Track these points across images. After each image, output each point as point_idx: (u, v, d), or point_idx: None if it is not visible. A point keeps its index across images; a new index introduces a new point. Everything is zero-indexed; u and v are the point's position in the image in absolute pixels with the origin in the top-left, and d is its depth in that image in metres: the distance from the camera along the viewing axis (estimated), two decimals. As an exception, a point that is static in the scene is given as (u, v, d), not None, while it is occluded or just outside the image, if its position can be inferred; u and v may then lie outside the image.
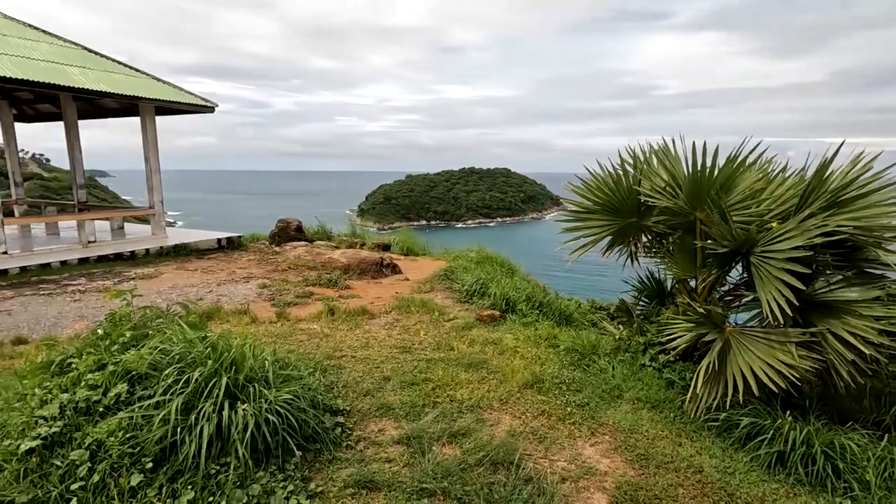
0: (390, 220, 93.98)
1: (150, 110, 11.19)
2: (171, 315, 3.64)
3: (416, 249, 12.96)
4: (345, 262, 9.55)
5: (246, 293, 7.51)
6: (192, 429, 2.55)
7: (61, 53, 10.07)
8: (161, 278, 8.49)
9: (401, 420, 3.72)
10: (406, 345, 5.34)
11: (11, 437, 2.60)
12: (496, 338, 5.65)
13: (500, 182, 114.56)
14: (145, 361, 2.81)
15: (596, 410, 4.14)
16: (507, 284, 7.15)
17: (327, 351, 5.00)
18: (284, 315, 6.22)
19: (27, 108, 14.32)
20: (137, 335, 3.22)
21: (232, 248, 11.66)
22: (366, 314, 6.39)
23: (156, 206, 11.79)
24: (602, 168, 5.29)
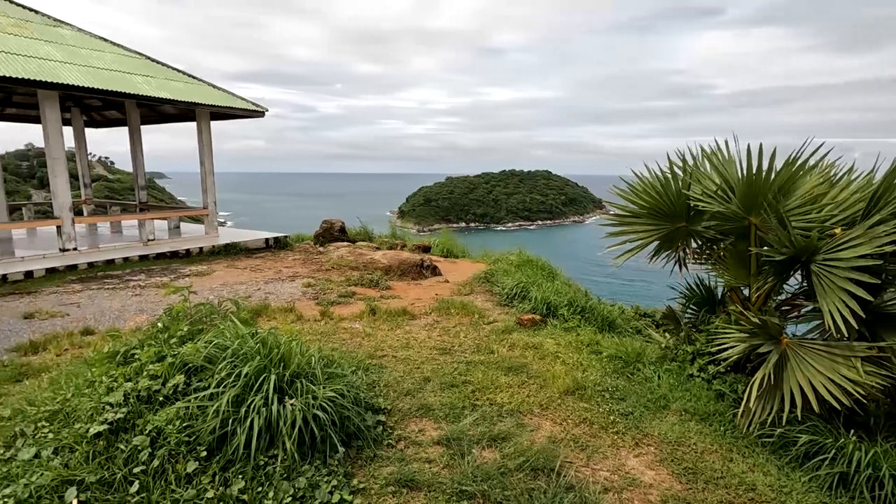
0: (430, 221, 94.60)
1: (205, 116, 11.77)
2: (223, 311, 3.81)
3: (455, 251, 13.01)
4: (386, 263, 9.70)
5: (292, 291, 7.76)
6: (243, 421, 2.67)
7: (126, 63, 10.75)
8: (213, 276, 8.90)
9: (441, 421, 3.74)
10: (446, 346, 5.36)
11: (81, 421, 2.80)
12: (537, 342, 5.59)
13: (540, 184, 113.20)
14: (201, 355, 2.96)
15: (640, 420, 4.02)
16: (549, 288, 7.06)
17: (369, 350, 5.09)
18: (328, 314, 6.38)
19: (96, 114, 15.35)
20: (193, 329, 3.39)
21: (279, 248, 12.08)
22: (406, 315, 6.46)
23: (209, 207, 12.38)
24: (649, 171, 5.14)
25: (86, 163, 15.35)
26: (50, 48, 9.48)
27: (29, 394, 3.65)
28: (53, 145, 9.18)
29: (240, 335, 3.12)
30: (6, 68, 8.01)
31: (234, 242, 11.43)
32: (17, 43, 9.05)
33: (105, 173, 70.86)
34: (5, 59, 8.26)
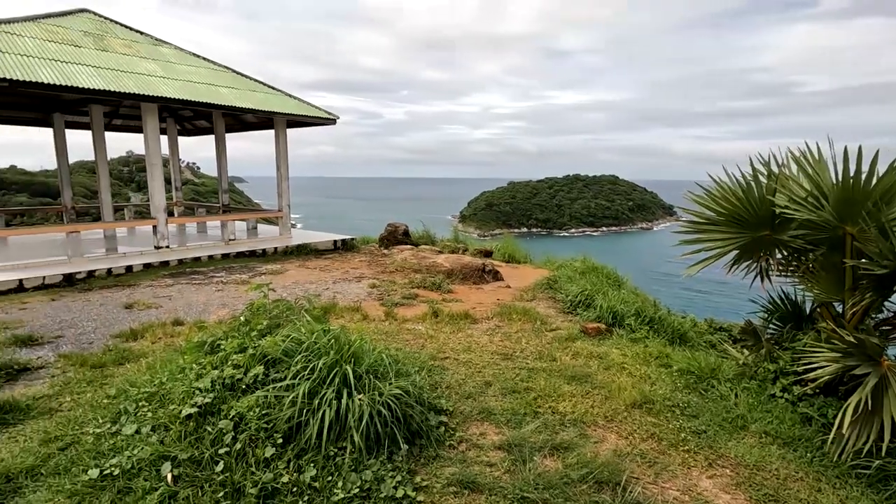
0: (491, 226, 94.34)
1: (282, 124, 12.52)
2: (298, 308, 4.04)
3: (517, 257, 12.91)
4: (448, 267, 9.81)
5: (358, 292, 8.05)
6: (315, 412, 2.82)
7: (215, 76, 11.67)
8: (286, 274, 9.42)
9: (502, 426, 3.74)
10: (507, 352, 5.35)
11: (174, 403, 3.09)
12: (602, 352, 5.44)
13: (606, 189, 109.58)
14: (279, 348, 3.17)
15: (714, 440, 3.80)
16: (615, 297, 6.83)
17: (431, 352, 5.18)
18: (392, 314, 6.56)
19: (188, 124, 16.77)
20: (272, 324, 3.63)
21: (346, 249, 12.57)
22: (468, 319, 6.51)
23: (284, 210, 13.13)
24: (728, 175, 4.85)
25: (178, 168, 16.80)
26: (152, 65, 10.51)
27: (130, 376, 4.06)
28: (152, 152, 10.14)
29: (314, 331, 3.30)
30: (116, 84, 8.97)
31: (305, 244, 12.04)
32: (127, 61, 10.11)
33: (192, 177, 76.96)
34: (115, 76, 9.25)
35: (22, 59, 8.25)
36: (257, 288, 3.91)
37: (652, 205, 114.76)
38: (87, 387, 4.10)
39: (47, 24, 9.91)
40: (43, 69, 8.27)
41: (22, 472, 2.80)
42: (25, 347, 5.21)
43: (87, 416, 3.46)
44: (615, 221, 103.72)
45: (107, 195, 12.50)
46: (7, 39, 8.60)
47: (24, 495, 2.68)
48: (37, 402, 3.78)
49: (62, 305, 7.05)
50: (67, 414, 3.58)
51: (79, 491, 2.66)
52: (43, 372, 4.53)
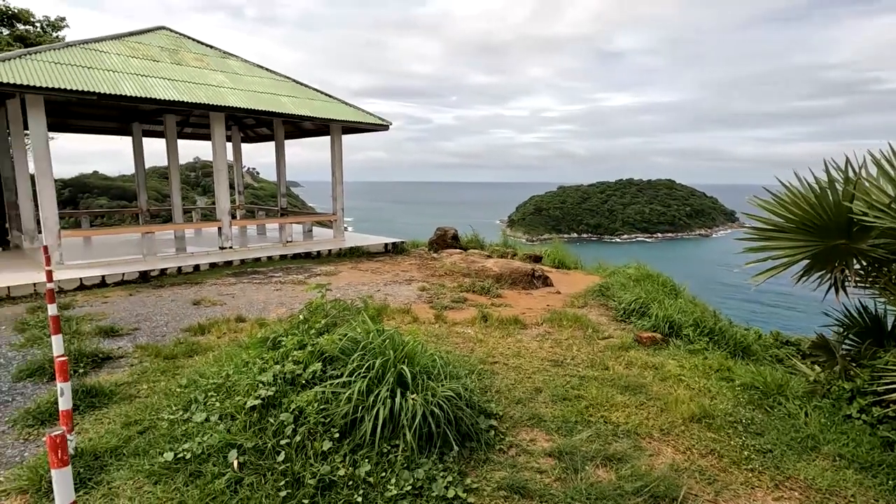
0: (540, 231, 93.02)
1: (338, 130, 12.97)
2: (354, 308, 4.18)
3: (567, 262, 12.69)
4: (497, 272, 9.79)
5: (408, 294, 8.19)
6: (370, 410, 2.92)
7: (277, 86, 12.27)
8: (339, 276, 9.73)
9: (552, 433, 3.70)
10: (558, 359, 5.27)
11: (240, 394, 3.29)
12: (657, 362, 5.25)
13: (662, 194, 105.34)
14: (336, 346, 3.30)
15: (781, 460, 3.58)
16: (671, 306, 6.58)
17: (481, 355, 5.20)
18: (441, 317, 6.64)
19: (250, 131, 17.70)
20: (329, 323, 3.78)
21: (396, 253, 12.83)
22: (517, 324, 6.47)
23: (338, 213, 13.57)
24: (799, 179, 4.57)
25: (241, 173, 17.74)
26: (221, 76, 11.19)
27: (199, 368, 4.35)
28: (219, 158, 10.79)
29: (369, 331, 3.41)
30: (189, 95, 9.62)
31: (358, 246, 12.38)
32: (198, 74, 10.83)
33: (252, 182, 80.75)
34: (188, 88, 9.93)
35: (108, 74, 9.03)
36: (315, 288, 4.09)
37: (711, 210, 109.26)
38: (161, 376, 4.43)
39: (130, 41, 10.79)
40: (126, 83, 9.01)
41: (107, 452, 3.07)
42: (108, 338, 5.69)
43: (161, 403, 3.73)
44: (671, 227, 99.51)
45: (177, 198, 13.39)
46: (96, 56, 9.44)
47: (110, 472, 2.94)
48: (118, 388, 4.13)
49: (138, 300, 7.63)
50: (145, 400, 3.88)
51: (156, 472, 2.88)
52: (123, 361, 4.93)
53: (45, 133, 8.45)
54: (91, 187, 51.30)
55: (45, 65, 8.39)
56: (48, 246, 8.23)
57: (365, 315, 3.60)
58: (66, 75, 8.35)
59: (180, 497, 2.69)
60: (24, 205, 10.84)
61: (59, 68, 8.49)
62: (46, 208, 8.63)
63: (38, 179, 8.53)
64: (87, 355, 4.71)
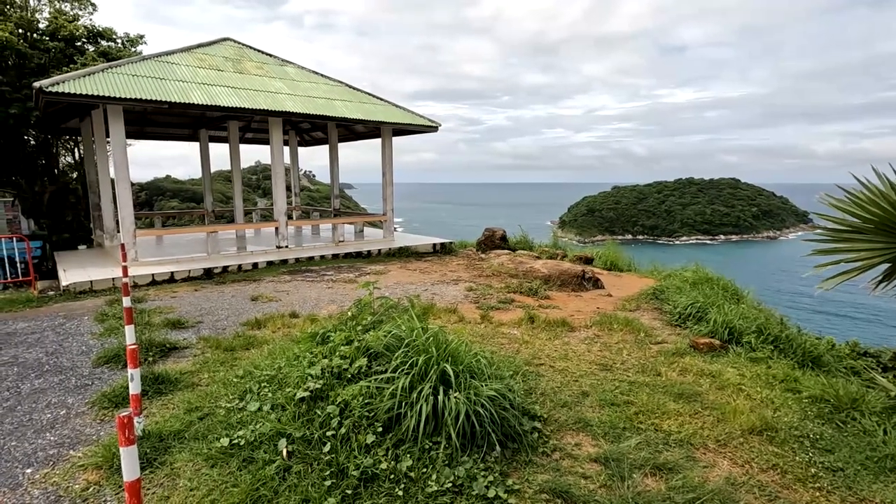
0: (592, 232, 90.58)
1: (388, 132, 13.23)
2: (401, 306, 4.25)
3: (620, 265, 12.30)
4: (545, 273, 9.64)
5: (455, 294, 8.23)
6: (413, 406, 2.96)
7: (331, 91, 12.69)
8: (388, 275, 9.93)
9: (599, 438, 3.60)
10: (607, 363, 5.12)
11: (290, 386, 3.43)
12: (714, 370, 4.99)
13: (725, 194, 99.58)
14: (381, 342, 3.38)
15: (854, 480, 3.30)
16: (732, 311, 6.21)
17: (526, 357, 5.14)
18: (487, 318, 6.62)
19: (306, 135, 18.41)
20: (375, 320, 3.87)
21: (444, 253, 12.91)
22: (565, 326, 6.34)
23: (388, 214, 13.85)
24: (879, 175, 4.19)
25: (297, 176, 18.49)
26: (279, 83, 11.72)
27: (254, 360, 4.57)
28: (276, 162, 11.29)
29: (413, 329, 3.46)
30: (251, 102, 10.15)
31: (407, 246, 12.57)
32: (259, 81, 11.40)
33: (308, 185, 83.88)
34: (250, 95, 10.47)
35: (178, 84, 9.69)
36: (365, 286, 4.20)
37: (781, 211, 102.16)
38: (220, 367, 4.70)
39: (198, 52, 11.53)
40: (194, 92, 9.63)
41: (171, 435, 3.30)
42: (175, 329, 6.10)
43: (220, 391, 3.96)
44: (735, 229, 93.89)
45: (239, 200, 14.14)
46: (168, 68, 10.16)
47: (172, 454, 3.16)
48: (183, 376, 4.42)
49: (202, 296, 8.12)
50: (205, 389, 4.13)
51: (213, 456, 3.07)
52: (187, 352, 5.27)
53: (124, 140, 9.19)
54: (164, 190, 55.19)
55: (123, 77, 9.13)
56: (125, 244, 8.94)
57: (412, 312, 3.65)
58: (142, 86, 9.05)
59: (234, 481, 2.85)
60: (106, 206, 11.82)
61: (136, 80, 9.21)
62: (124, 209, 9.37)
63: (117, 183, 9.28)
64: (157, 345, 5.08)
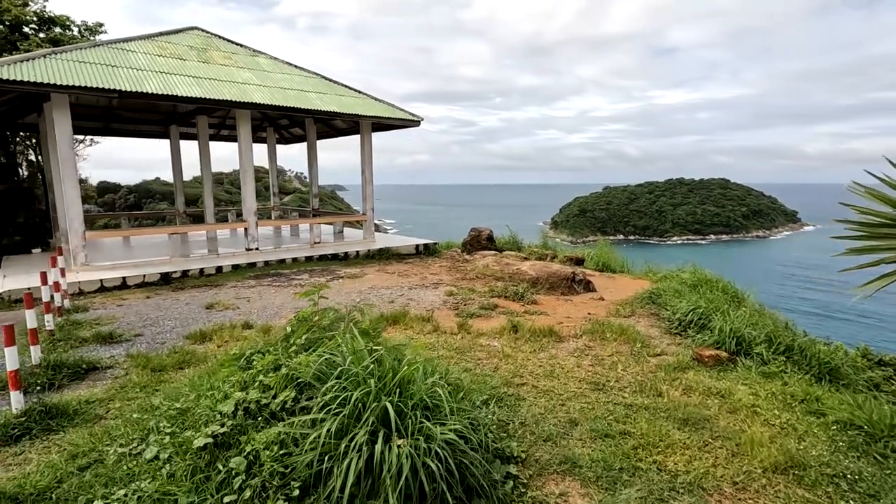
0: (584, 233, 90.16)
1: (367, 127, 12.48)
2: (350, 318, 3.53)
3: (612, 265, 11.64)
4: (533, 275, 8.95)
5: (433, 299, 7.51)
6: (341, 460, 2.23)
7: (305, 82, 11.93)
8: (364, 278, 9.18)
9: (590, 485, 2.89)
10: (599, 380, 4.42)
11: (193, 428, 2.69)
12: (723, 388, 4.30)
13: (715, 194, 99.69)
14: (310, 371, 2.64)
15: (910, 538, 2.62)
16: (739, 318, 5.53)
17: (506, 375, 4.42)
18: (466, 326, 5.89)
19: (285, 132, 17.60)
20: (315, 337, 3.15)
21: (427, 254, 12.18)
22: (552, 336, 5.64)
23: (367, 214, 13.08)
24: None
25: (275, 174, 17.67)
26: (248, 74, 10.94)
27: (177, 385, 3.81)
28: (245, 158, 10.50)
29: (356, 351, 2.73)
30: (213, 92, 9.36)
31: (387, 248, 11.82)
32: (225, 71, 10.61)
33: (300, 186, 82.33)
34: (213, 85, 9.68)
35: (132, 73, 8.89)
36: (307, 295, 3.46)
37: (770, 211, 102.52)
38: (139, 392, 3.93)
39: (160, 40, 10.72)
40: (149, 81, 8.83)
41: (31, 496, 2.54)
42: (105, 345, 5.32)
43: (120, 430, 3.20)
44: (726, 229, 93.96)
45: (209, 200, 13.33)
46: (122, 55, 9.34)
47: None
48: (87, 406, 3.65)
49: (154, 303, 7.33)
50: (108, 424, 3.36)
51: (80, 525, 2.32)
52: (109, 373, 4.49)
53: (70, 134, 8.37)
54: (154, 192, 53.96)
55: (69, 64, 8.31)
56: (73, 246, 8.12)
57: (354, 331, 2.92)
58: (88, 74, 8.24)
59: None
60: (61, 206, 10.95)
61: (84, 67, 8.40)
62: (71, 209, 8.55)
63: (63, 181, 8.46)
64: (69, 366, 4.29)
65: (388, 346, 3.31)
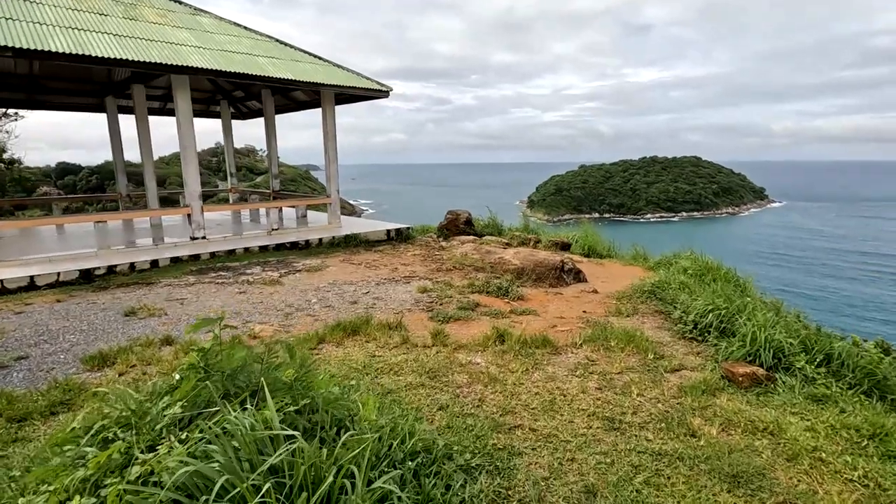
0: (561, 211, 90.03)
1: (329, 98, 11.10)
2: (269, 361, 2.40)
3: (599, 249, 10.77)
4: (517, 265, 7.93)
5: (404, 298, 6.41)
6: None
7: (255, 46, 10.43)
8: (325, 271, 8.00)
9: None
10: (613, 414, 3.43)
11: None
12: (769, 420, 3.37)
13: (687, 172, 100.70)
14: (169, 479, 1.53)
15: None
16: (770, 320, 4.58)
17: (494, 411, 3.39)
18: (442, 336, 4.83)
19: (241, 105, 15.94)
20: (205, 399, 2.03)
21: (400, 240, 11.03)
22: (547, 346, 4.63)
23: (332, 196, 11.78)
24: None
25: (232, 153, 16.07)
26: (185, 34, 9.40)
27: (22, 458, 2.63)
28: (184, 133, 9.07)
29: (251, 441, 1.62)
30: (137, 53, 7.88)
31: (355, 234, 10.61)
32: (157, 30, 9.06)
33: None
34: (139, 45, 8.18)
35: (35, 28, 7.33)
36: (196, 328, 2.32)
37: (740, 188, 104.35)
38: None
39: (78, -7, 9.04)
40: (56, 38, 7.29)
41: None
42: (-32, 376, 4.06)
43: None
44: (697, 206, 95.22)
45: (152, 182, 11.79)
46: (22, 7, 7.73)
47: None
48: None
49: (62, 309, 6.02)
50: None
51: None
52: (-49, 423, 3.27)
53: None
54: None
55: (-52, 14, 6.72)
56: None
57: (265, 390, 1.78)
58: (-26, 27, 6.68)
59: None
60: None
61: (-32, 19, 6.82)
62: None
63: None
64: None
65: (326, 399, 2.22)
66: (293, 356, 2.41)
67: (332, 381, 2.45)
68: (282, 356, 2.54)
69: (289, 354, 2.40)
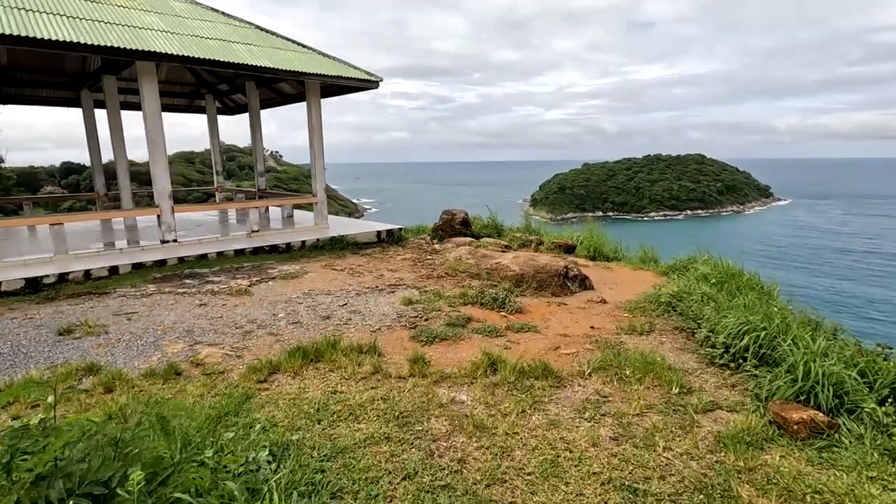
0: (564, 210, 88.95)
1: (314, 89, 10.27)
2: (134, 436, 1.60)
3: (606, 252, 9.90)
4: (517, 271, 7.10)
5: (385, 311, 5.60)
6: None
7: (233, 32, 9.62)
8: (302, 279, 7.19)
9: None
10: (634, 479, 2.61)
11: None
12: (841, 491, 2.54)
13: (691, 170, 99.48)
14: None
15: None
16: (825, 347, 3.73)
17: (477, 478, 2.57)
18: (422, 362, 4.01)
19: (227, 100, 15.15)
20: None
21: (391, 242, 10.22)
22: (548, 376, 3.81)
23: (318, 195, 10.96)
24: None
25: (218, 149, 15.28)
26: (152, 18, 8.60)
27: None
28: (151, 125, 8.27)
29: None
30: (94, 37, 7.08)
31: (342, 236, 9.80)
32: (120, 13, 8.26)
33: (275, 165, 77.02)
34: (95, 28, 7.38)
35: (-26, 7, 6.54)
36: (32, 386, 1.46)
37: (744, 186, 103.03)
38: None
39: (33, -27, 8.24)
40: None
41: None
42: None
43: None
44: (702, 204, 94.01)
45: (125, 180, 11.01)
46: (-38, -16, 6.93)
47: None
48: None
49: (-8, 325, 5.23)
50: None
51: None
52: None
53: None
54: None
55: None
56: None
57: None
58: None
59: None
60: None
61: None
62: None
63: None
64: None
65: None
66: (169, 433, 1.59)
67: (235, 461, 1.64)
68: (154, 429, 1.73)
69: (161, 431, 1.59)
